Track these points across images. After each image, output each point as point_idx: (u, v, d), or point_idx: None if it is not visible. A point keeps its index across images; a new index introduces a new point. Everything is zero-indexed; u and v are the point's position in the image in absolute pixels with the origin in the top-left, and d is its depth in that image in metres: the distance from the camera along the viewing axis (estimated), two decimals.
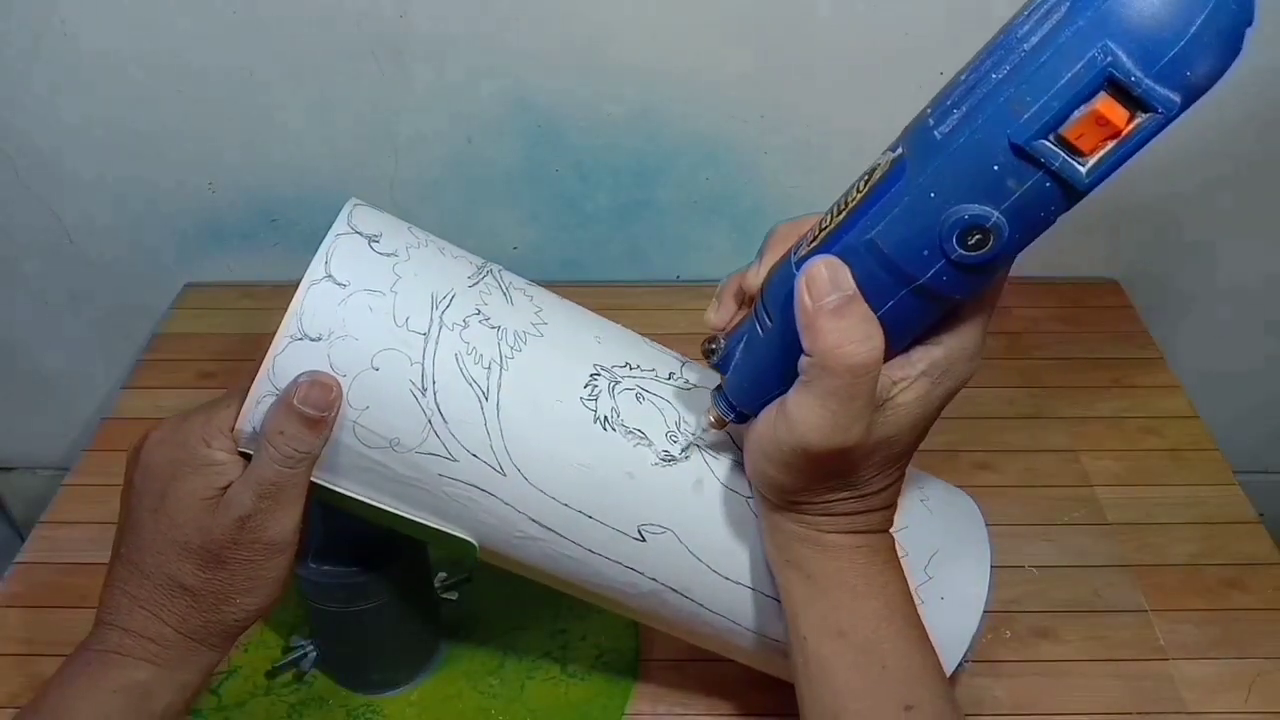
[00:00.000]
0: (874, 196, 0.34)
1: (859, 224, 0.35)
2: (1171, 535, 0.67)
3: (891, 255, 0.34)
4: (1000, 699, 0.58)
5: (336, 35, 0.76)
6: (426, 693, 0.58)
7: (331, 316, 0.40)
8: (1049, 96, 0.29)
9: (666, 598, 0.47)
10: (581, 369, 0.45)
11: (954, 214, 0.32)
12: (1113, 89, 0.29)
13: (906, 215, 0.33)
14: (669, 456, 0.44)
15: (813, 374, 0.36)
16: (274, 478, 0.40)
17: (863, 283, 0.35)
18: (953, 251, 0.33)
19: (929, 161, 0.32)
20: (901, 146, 0.34)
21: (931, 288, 0.34)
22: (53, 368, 0.96)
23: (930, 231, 0.33)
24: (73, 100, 0.79)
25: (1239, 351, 0.94)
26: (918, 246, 0.33)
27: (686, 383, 0.47)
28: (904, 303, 0.35)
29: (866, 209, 0.35)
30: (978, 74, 0.31)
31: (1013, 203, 0.31)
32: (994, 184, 0.31)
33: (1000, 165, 0.31)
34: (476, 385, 0.42)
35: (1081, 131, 0.29)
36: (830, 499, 0.40)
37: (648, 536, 0.45)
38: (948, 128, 0.32)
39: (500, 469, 0.43)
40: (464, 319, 0.42)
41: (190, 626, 0.42)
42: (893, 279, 0.34)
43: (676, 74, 0.78)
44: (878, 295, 0.35)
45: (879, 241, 0.34)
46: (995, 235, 0.32)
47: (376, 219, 0.44)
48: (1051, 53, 0.29)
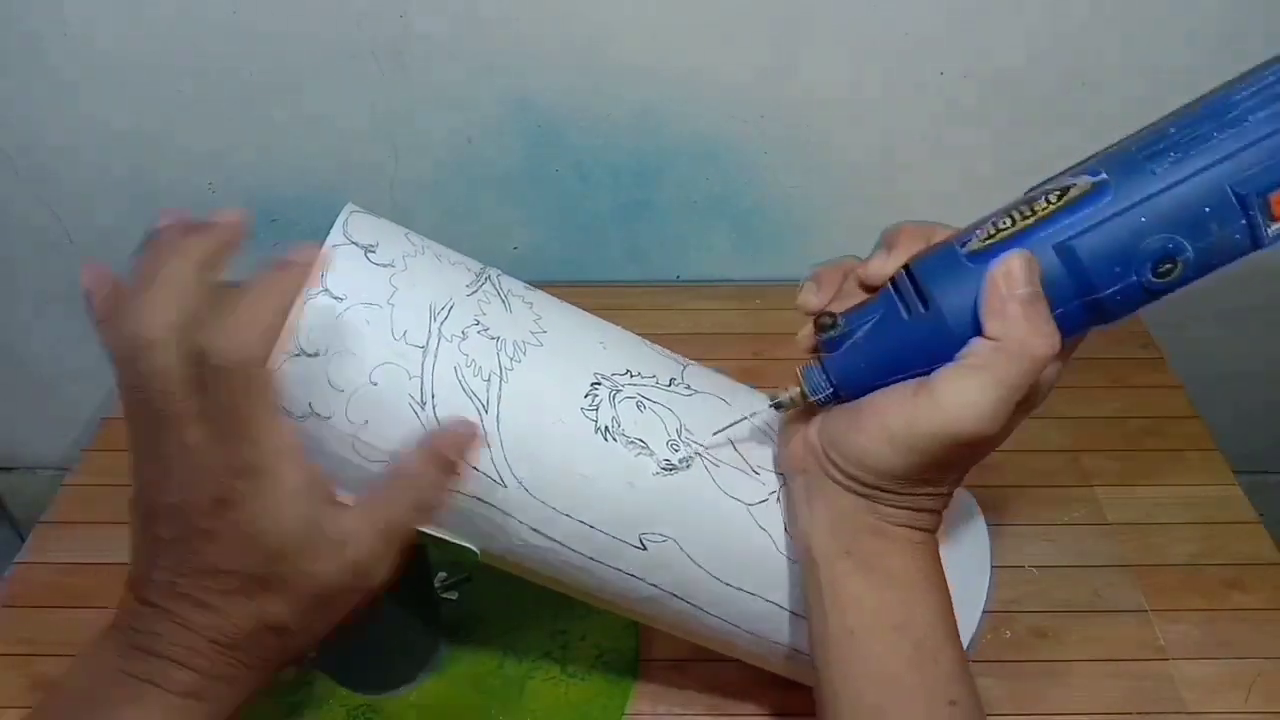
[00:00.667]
0: (1071, 209, 0.37)
1: (1053, 228, 0.38)
2: (1171, 535, 0.67)
3: (1085, 263, 0.37)
4: (1000, 699, 0.58)
5: (336, 35, 0.76)
6: (426, 693, 0.58)
7: (329, 331, 0.40)
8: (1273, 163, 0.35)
9: (668, 603, 0.47)
10: (582, 378, 0.44)
11: (1156, 241, 0.36)
12: None
13: (1111, 232, 0.37)
14: (670, 465, 0.44)
15: (988, 358, 0.37)
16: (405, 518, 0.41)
17: (1045, 285, 0.38)
18: (1144, 274, 0.37)
19: (1141, 189, 0.36)
20: (1105, 173, 0.37)
21: (1104, 303, 0.38)
22: (53, 368, 0.96)
23: (1129, 251, 0.37)
24: (73, 100, 0.79)
25: (1239, 351, 0.94)
26: (1112, 262, 0.37)
27: (688, 389, 0.47)
28: (1072, 312, 0.38)
29: (1061, 218, 0.38)
30: (1195, 130, 0.36)
31: (1207, 243, 0.36)
32: (1201, 223, 0.36)
33: (1212, 208, 0.36)
34: (476, 398, 0.42)
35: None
36: (919, 492, 0.41)
37: (649, 545, 0.44)
38: (1163, 167, 0.36)
39: (501, 480, 0.42)
40: (462, 330, 0.42)
41: None
42: (1075, 287, 0.38)
43: (676, 74, 0.78)
44: (1055, 299, 0.38)
45: (1078, 248, 0.37)
46: (1182, 267, 0.37)
47: (373, 226, 0.43)
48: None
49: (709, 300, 0.87)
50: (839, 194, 0.84)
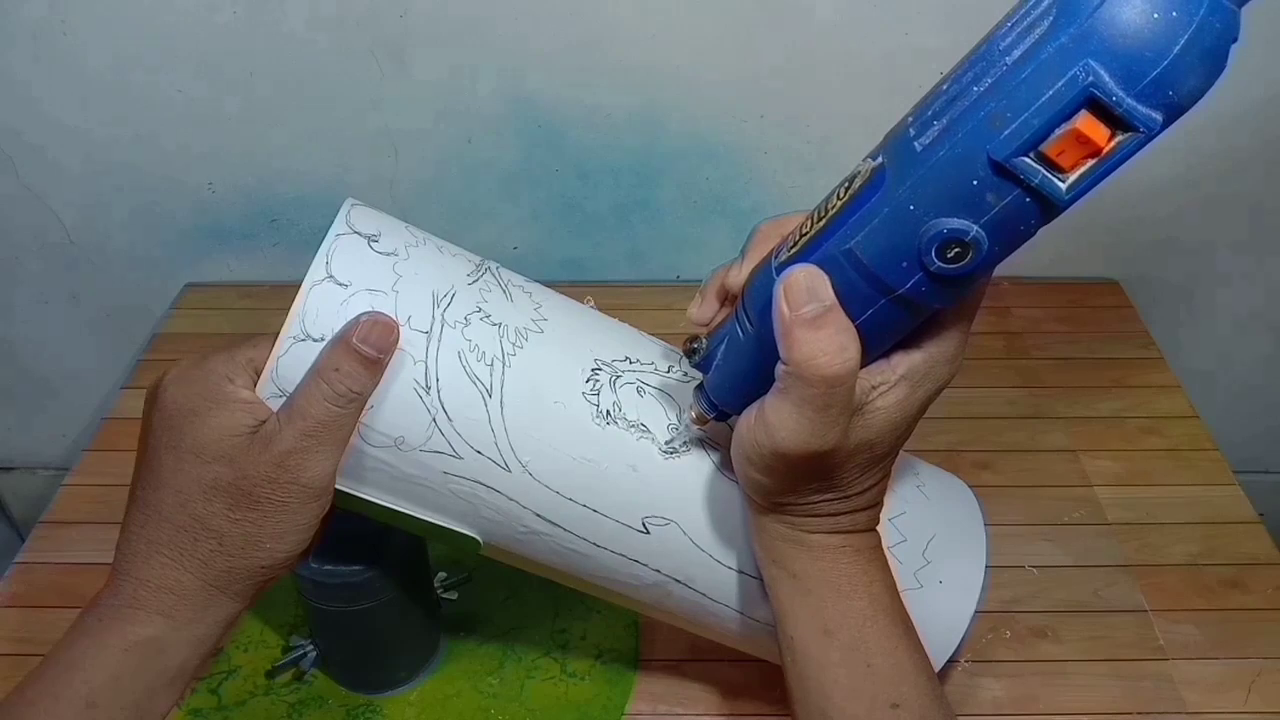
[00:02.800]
0: (854, 205, 0.34)
1: (838, 232, 0.35)
2: (1171, 535, 0.67)
3: (870, 265, 0.34)
4: (1000, 699, 0.58)
5: (336, 35, 0.76)
6: (426, 693, 0.58)
7: (334, 317, 0.40)
8: (1030, 114, 0.29)
9: (671, 589, 0.47)
10: (582, 364, 0.45)
11: (933, 227, 0.32)
12: (1094, 108, 0.28)
13: (886, 226, 0.33)
14: (671, 449, 0.45)
15: (788, 382, 0.36)
16: (322, 414, 0.39)
17: (842, 291, 0.35)
18: (931, 264, 0.32)
19: (909, 173, 0.32)
20: (882, 155, 0.34)
21: (910, 298, 0.34)
22: (53, 368, 0.96)
23: (909, 243, 0.33)
24: (73, 100, 0.79)
25: (1239, 351, 0.94)
26: (897, 258, 0.33)
27: (685, 376, 0.47)
28: (883, 311, 0.35)
29: (846, 218, 0.34)
30: (959, 85, 0.31)
31: (992, 217, 0.31)
32: (973, 198, 0.31)
33: (980, 180, 0.30)
34: (480, 382, 0.42)
35: (1062, 149, 0.29)
36: (814, 500, 0.40)
37: (652, 529, 0.45)
38: (928, 140, 0.31)
39: (505, 465, 0.43)
40: (465, 317, 0.43)
41: (213, 573, 0.40)
42: (872, 288, 0.34)
43: (676, 74, 0.78)
44: (857, 304, 0.35)
45: (858, 251, 0.34)
46: (974, 249, 0.32)
47: (374, 219, 0.44)
48: (1033, 68, 0.29)
49: None
50: None
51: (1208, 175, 0.83)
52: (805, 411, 0.36)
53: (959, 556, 0.49)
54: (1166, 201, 0.84)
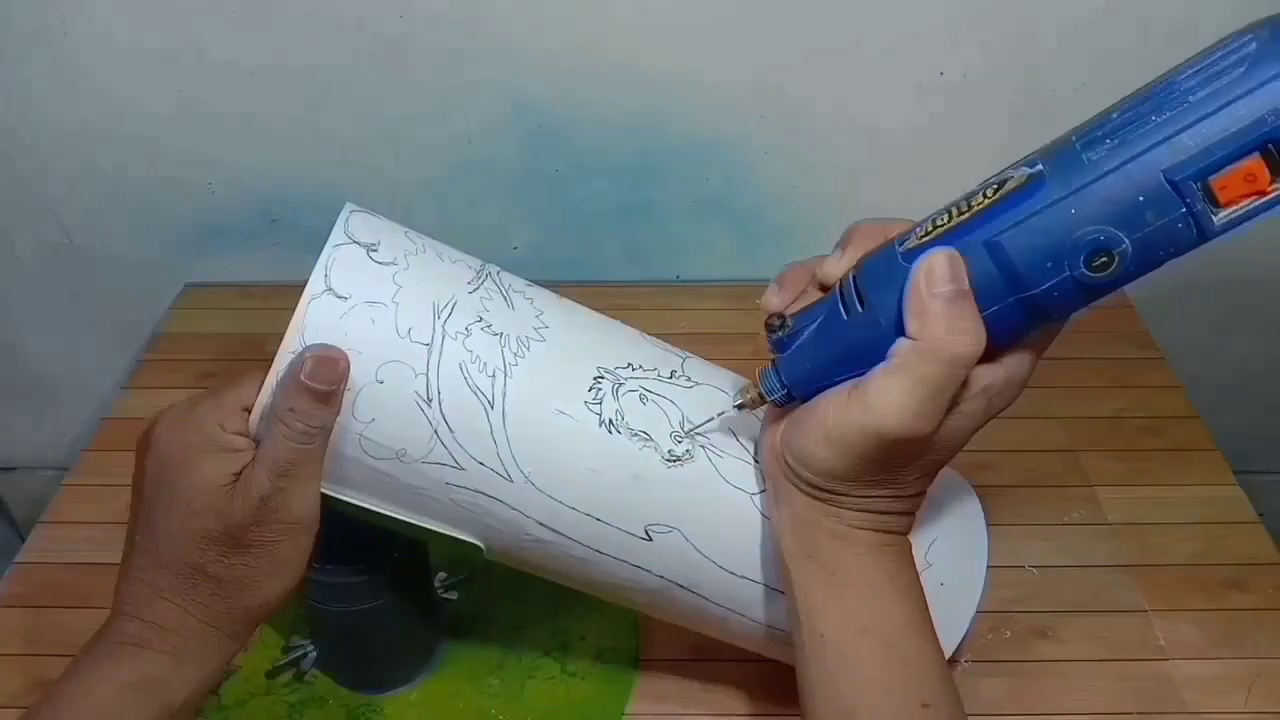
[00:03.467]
0: (1006, 203, 0.36)
1: (985, 225, 0.36)
2: (1171, 535, 0.67)
3: (1015, 260, 0.35)
4: (1000, 699, 0.58)
5: (336, 35, 0.76)
6: (426, 693, 0.58)
7: (334, 331, 0.40)
8: (1211, 145, 0.32)
9: (673, 593, 0.47)
10: (585, 372, 0.45)
11: (1088, 233, 0.34)
12: (1266, 154, 0.32)
13: (1041, 226, 0.35)
14: (674, 456, 0.45)
15: (910, 358, 0.37)
16: (289, 455, 0.40)
17: (975, 282, 0.36)
18: (1076, 269, 0.35)
19: (1074, 180, 0.34)
20: (1042, 164, 0.35)
21: (1040, 301, 0.36)
22: (53, 368, 0.96)
23: (1060, 246, 0.35)
24: (73, 100, 0.79)
25: (1239, 351, 0.94)
26: (1044, 258, 0.35)
27: (689, 380, 0.47)
28: (1007, 310, 0.37)
29: (996, 213, 0.36)
30: (1134, 114, 0.34)
31: (1145, 235, 0.33)
32: (1134, 213, 0.33)
33: (1146, 197, 0.33)
34: (481, 394, 0.42)
35: (1227, 183, 0.32)
36: (872, 494, 0.41)
37: (654, 536, 0.45)
38: (1098, 155, 0.34)
39: (507, 475, 0.43)
40: (466, 327, 0.42)
41: (213, 614, 0.42)
42: (1007, 284, 0.36)
43: (676, 74, 0.78)
44: (986, 297, 0.37)
45: (1006, 244, 0.36)
46: (1120, 262, 0.34)
47: (373, 225, 0.44)
48: (1221, 108, 0.32)
49: (709, 300, 0.87)
50: (838, 194, 0.84)
51: None
52: (919, 390, 0.37)
53: (960, 558, 0.49)
54: None
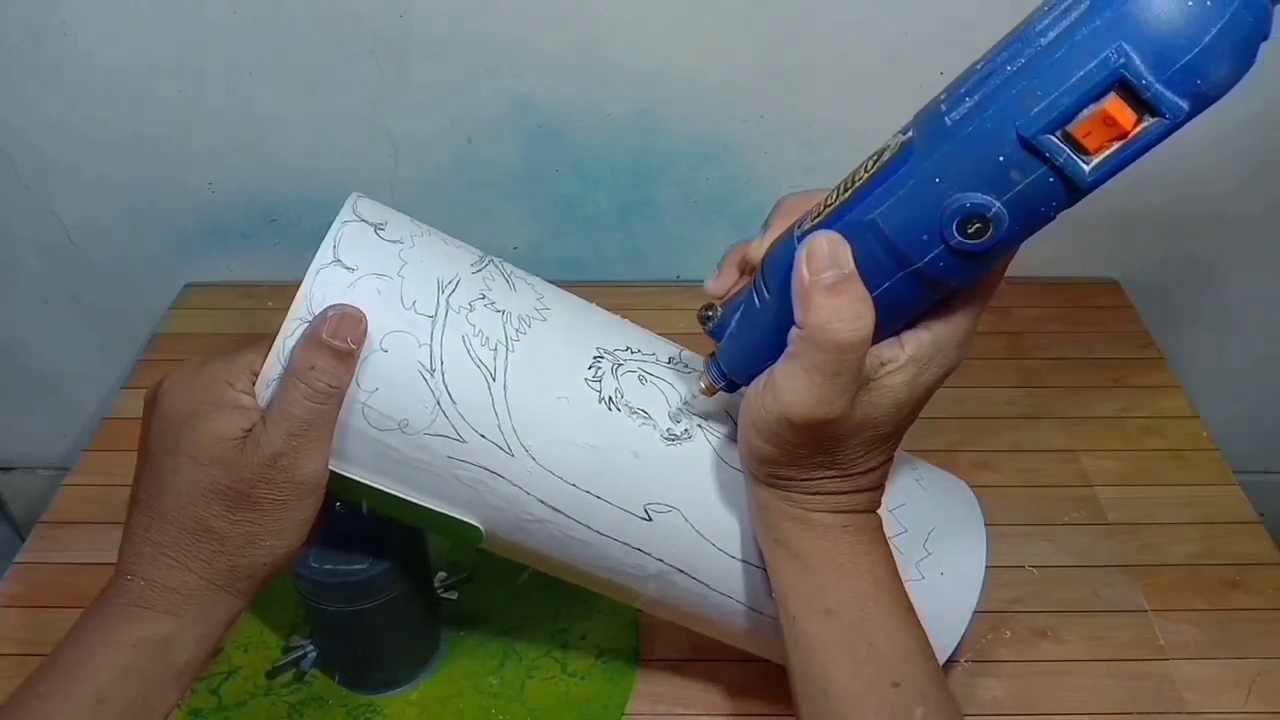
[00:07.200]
0: (880, 177, 0.35)
1: (863, 203, 0.35)
2: (1171, 535, 0.67)
3: (892, 237, 0.34)
4: (1000, 699, 0.58)
5: (336, 35, 0.76)
6: (426, 692, 0.58)
7: (340, 300, 0.41)
8: (1060, 92, 0.29)
9: (674, 579, 0.47)
10: (585, 351, 0.45)
11: (956, 201, 0.32)
12: (1123, 91, 0.29)
13: (910, 198, 0.34)
14: (673, 436, 0.45)
15: (800, 346, 0.36)
16: (304, 414, 0.40)
17: (861, 262, 0.35)
18: (952, 238, 0.33)
19: (937, 147, 0.33)
20: (912, 130, 0.34)
21: (928, 273, 0.35)
22: (53, 368, 0.96)
23: (932, 217, 0.33)
24: (73, 100, 0.79)
25: (1239, 351, 0.94)
26: (918, 230, 0.34)
27: (686, 367, 0.48)
28: (899, 285, 0.35)
29: (872, 189, 0.35)
30: (992, 64, 0.32)
31: (1015, 195, 0.31)
32: (998, 175, 0.31)
33: (1006, 156, 0.31)
34: (484, 366, 0.42)
35: (1089, 130, 0.30)
36: (817, 477, 0.41)
37: (654, 516, 0.45)
38: (958, 115, 0.32)
39: (508, 449, 0.43)
40: (469, 303, 0.43)
41: (216, 572, 0.41)
42: (891, 260, 0.35)
43: (676, 74, 0.78)
44: (875, 275, 0.35)
45: (881, 222, 0.34)
46: (995, 225, 0.32)
47: (380, 210, 0.45)
48: (1066, 49, 0.29)
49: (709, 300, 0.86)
50: None
51: (1210, 175, 0.83)
52: (814, 377, 0.36)
53: (960, 548, 0.49)
54: (1167, 201, 0.84)
